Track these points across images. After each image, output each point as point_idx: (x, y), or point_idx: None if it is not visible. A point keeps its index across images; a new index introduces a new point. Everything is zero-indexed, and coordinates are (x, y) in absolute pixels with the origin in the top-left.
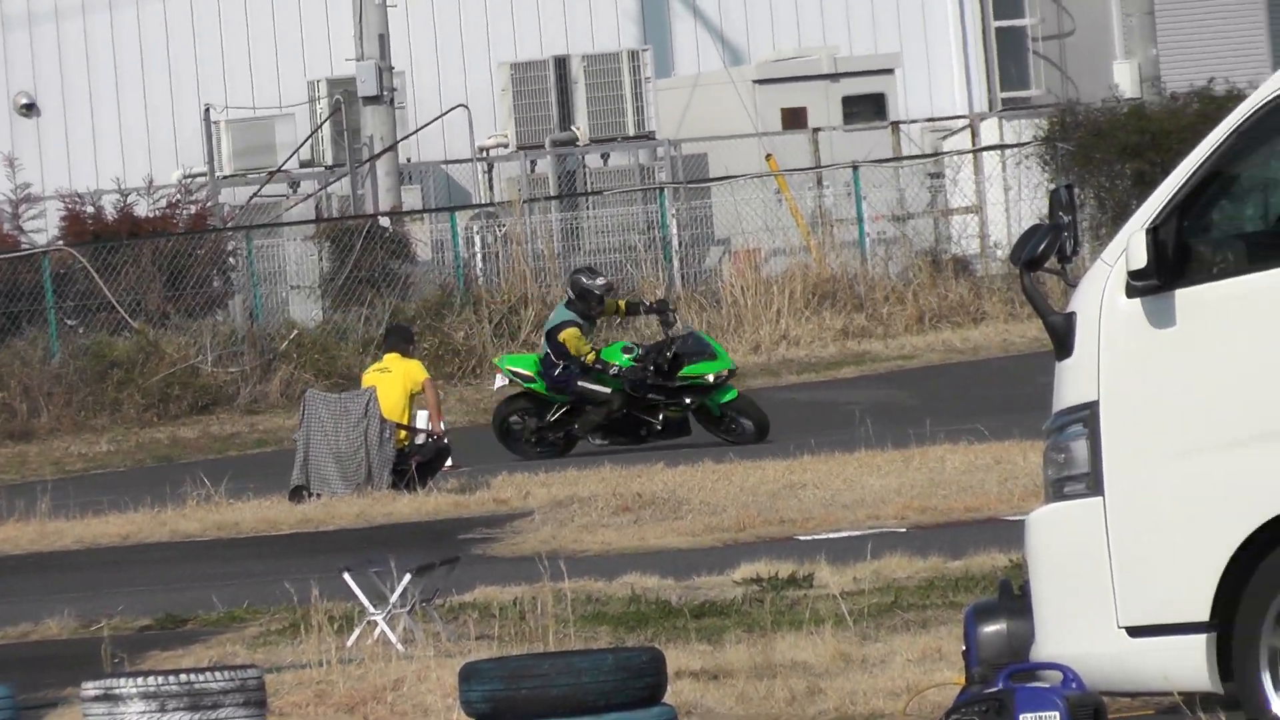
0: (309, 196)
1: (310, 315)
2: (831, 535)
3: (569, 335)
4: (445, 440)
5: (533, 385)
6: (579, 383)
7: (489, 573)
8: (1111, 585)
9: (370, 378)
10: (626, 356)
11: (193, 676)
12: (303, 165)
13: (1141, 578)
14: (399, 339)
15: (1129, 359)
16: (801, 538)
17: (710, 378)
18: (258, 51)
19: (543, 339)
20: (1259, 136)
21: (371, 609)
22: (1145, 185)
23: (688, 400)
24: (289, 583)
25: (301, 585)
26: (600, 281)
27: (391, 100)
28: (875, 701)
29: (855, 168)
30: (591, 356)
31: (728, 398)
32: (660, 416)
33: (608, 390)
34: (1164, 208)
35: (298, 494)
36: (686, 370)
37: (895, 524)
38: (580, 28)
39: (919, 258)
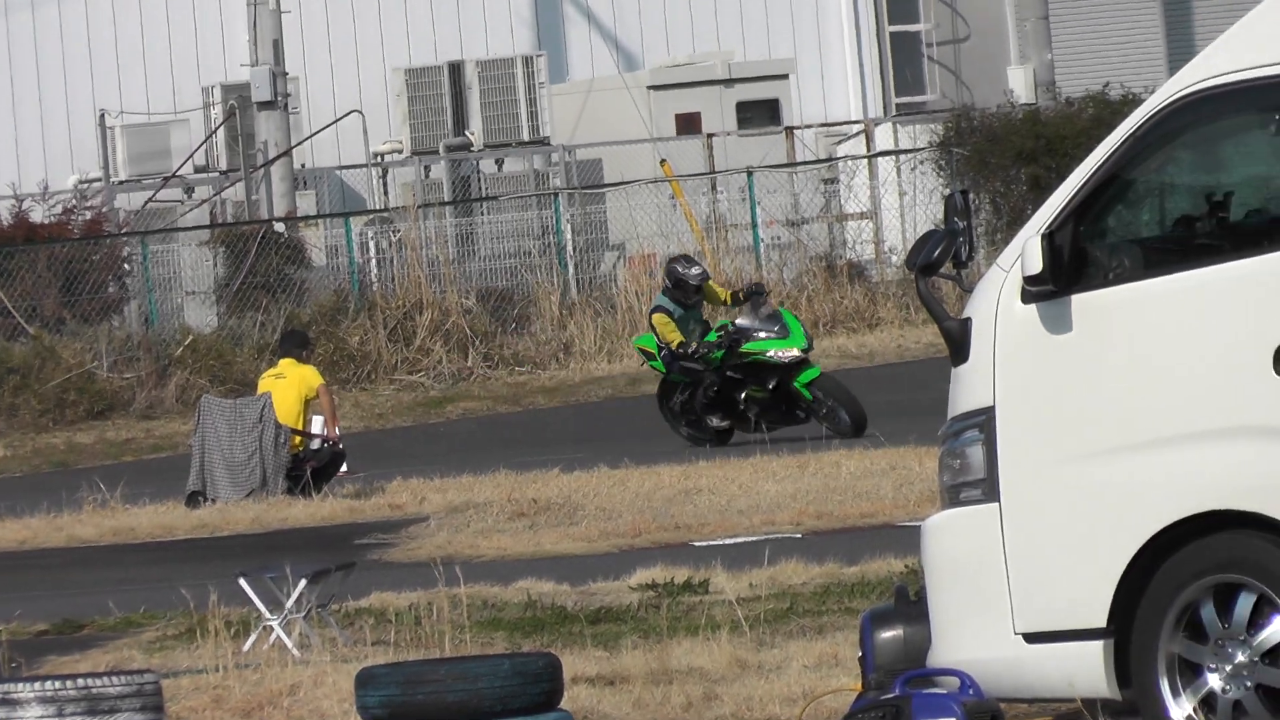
0: (204, 202)
1: (205, 321)
2: (727, 541)
3: (657, 320)
4: (340, 446)
5: (655, 363)
6: (679, 363)
7: (385, 578)
8: (1008, 591)
9: (265, 383)
10: (710, 335)
11: (90, 681)
12: (198, 170)
13: (1038, 584)
14: (294, 344)
15: (1024, 364)
16: (697, 544)
17: (771, 354)
18: (152, 56)
19: None
20: (1155, 142)
21: (267, 614)
22: (1040, 190)
23: (770, 383)
24: (185, 588)
25: (198, 590)
26: (695, 270)
27: (286, 106)
28: (771, 707)
29: (749, 173)
30: (676, 339)
31: (807, 377)
32: (743, 396)
33: (700, 369)
34: (1059, 213)
35: (194, 500)
36: (748, 346)
37: (791, 530)
38: (474, 33)
39: (814, 263)
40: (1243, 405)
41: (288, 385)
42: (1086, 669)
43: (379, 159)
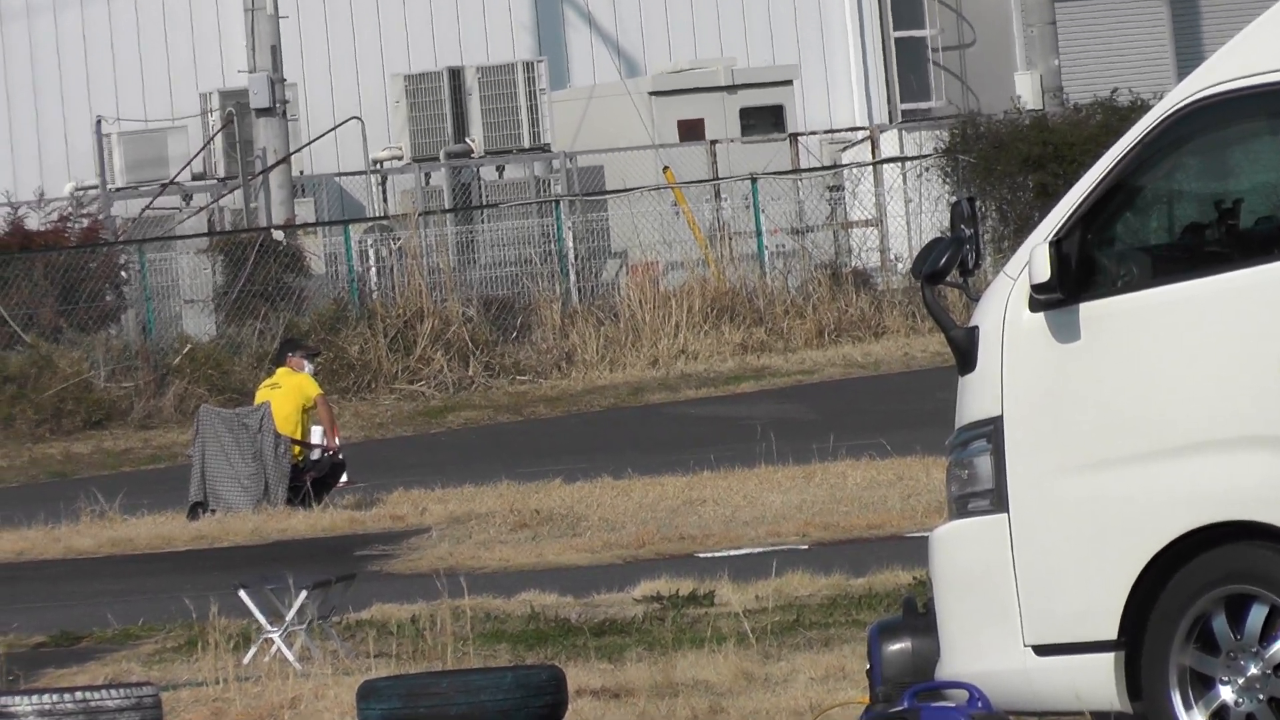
0: (202, 209)
1: (204, 329)
2: (732, 552)
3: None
4: (340, 456)
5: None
6: None
7: (386, 590)
8: (1017, 603)
9: (263, 393)
10: None
11: (88, 694)
12: (195, 178)
13: (1047, 595)
14: (281, 354)
15: (1032, 373)
16: (702, 555)
17: None
18: (149, 63)
19: None
20: (1164, 148)
21: (268, 626)
22: (1048, 197)
23: None
24: (186, 599)
25: (198, 602)
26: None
27: (284, 112)
28: None
29: (753, 180)
30: None
31: None
32: None
33: None
34: (1067, 220)
35: (195, 511)
36: None
37: (797, 541)
38: (474, 39)
39: (819, 271)
40: (1254, 415)
41: (284, 395)
42: (1097, 681)
43: (378, 166)
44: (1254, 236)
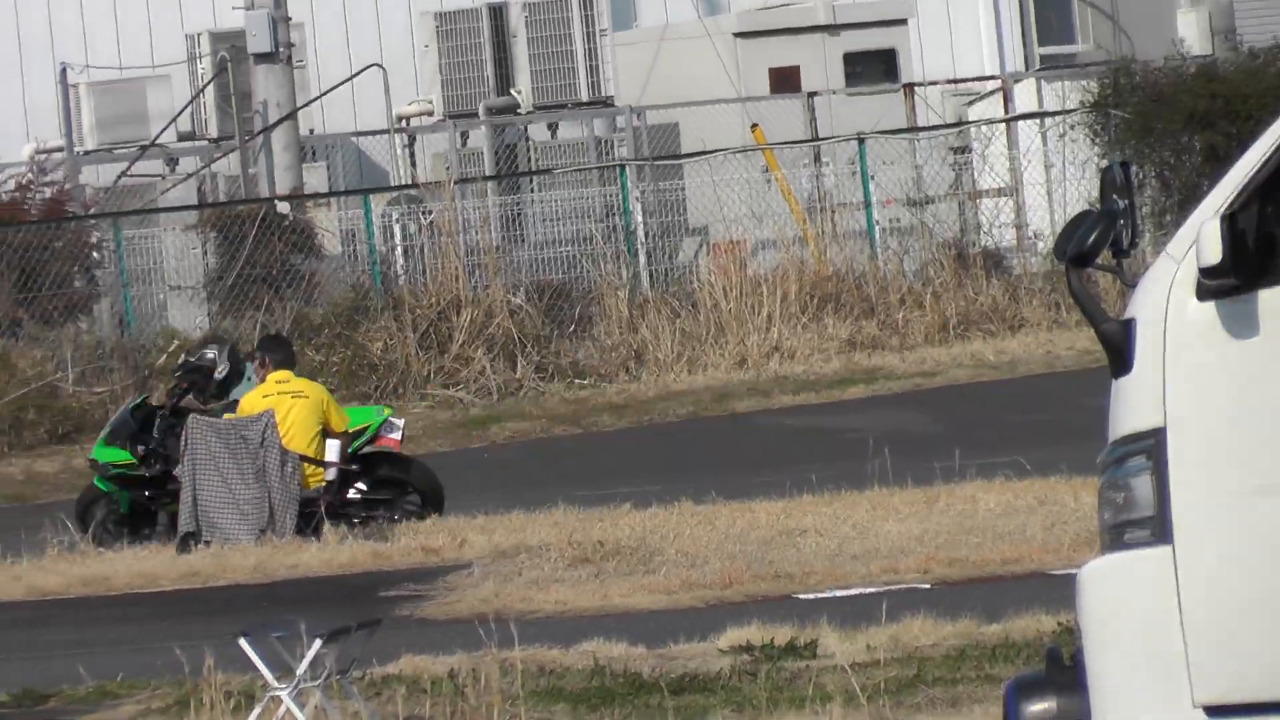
0: (190, 176)
1: (194, 322)
2: (839, 593)
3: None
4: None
5: None
6: None
7: (419, 639)
8: (1184, 654)
9: (277, 401)
10: None
11: None
12: (181, 138)
13: (1222, 644)
14: (287, 353)
15: (1201, 375)
16: (801, 596)
17: None
18: None
19: None
20: None
21: (275, 683)
22: (1218, 161)
23: None
24: (175, 649)
25: (190, 653)
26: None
27: (289, 59)
28: None
29: (861, 141)
30: None
31: None
32: None
33: None
34: (1243, 189)
35: (186, 543)
36: None
37: (917, 579)
38: None
39: (941, 252)
40: None
41: (308, 407)
42: None
43: (404, 124)
44: None
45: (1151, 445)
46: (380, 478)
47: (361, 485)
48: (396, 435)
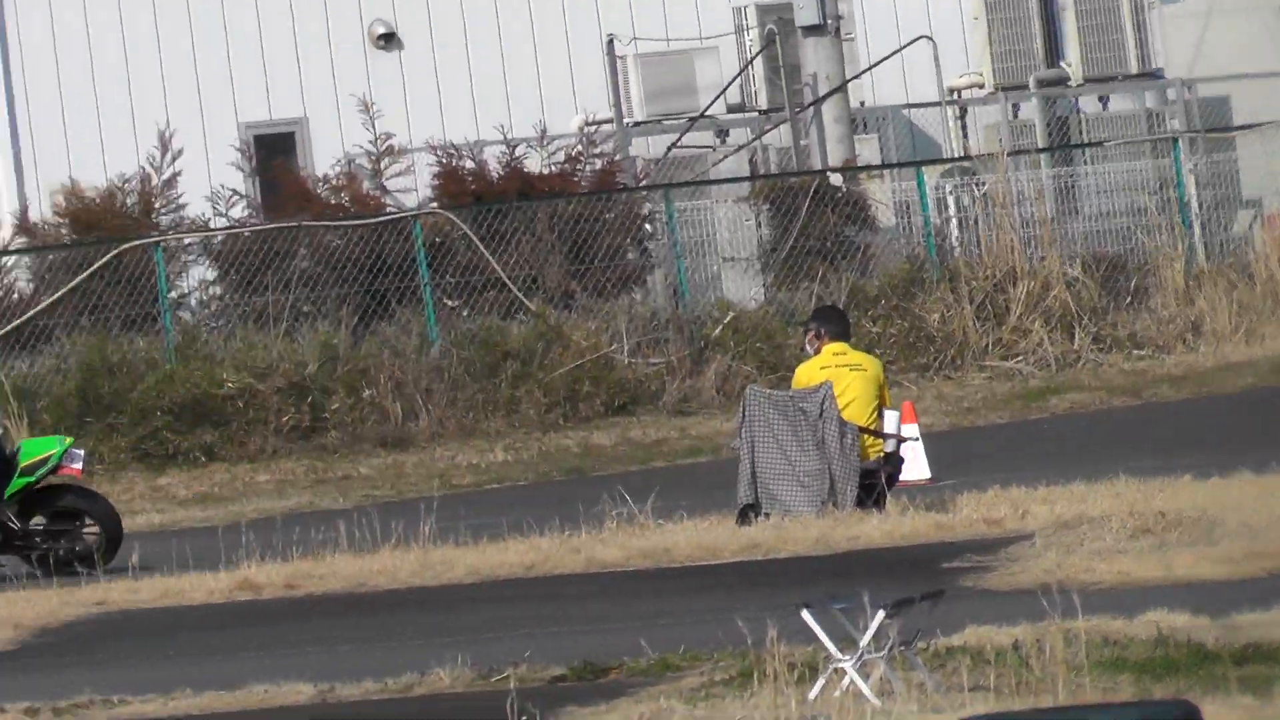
0: (740, 148)
1: (749, 294)
2: None
3: None
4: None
5: None
6: None
7: (981, 609)
8: None
9: (836, 374)
10: None
11: None
12: (731, 110)
13: None
14: (843, 325)
15: None
16: None
17: None
18: None
19: None
20: None
21: (838, 654)
22: None
23: None
24: (737, 620)
25: (752, 625)
26: None
27: (837, 30)
28: None
29: None
30: None
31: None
32: None
33: None
34: None
35: (745, 515)
36: None
37: None
38: None
39: None
40: None
41: (867, 380)
42: None
43: (955, 96)
44: None
45: None
46: (60, 509)
47: (41, 519)
48: (78, 465)
